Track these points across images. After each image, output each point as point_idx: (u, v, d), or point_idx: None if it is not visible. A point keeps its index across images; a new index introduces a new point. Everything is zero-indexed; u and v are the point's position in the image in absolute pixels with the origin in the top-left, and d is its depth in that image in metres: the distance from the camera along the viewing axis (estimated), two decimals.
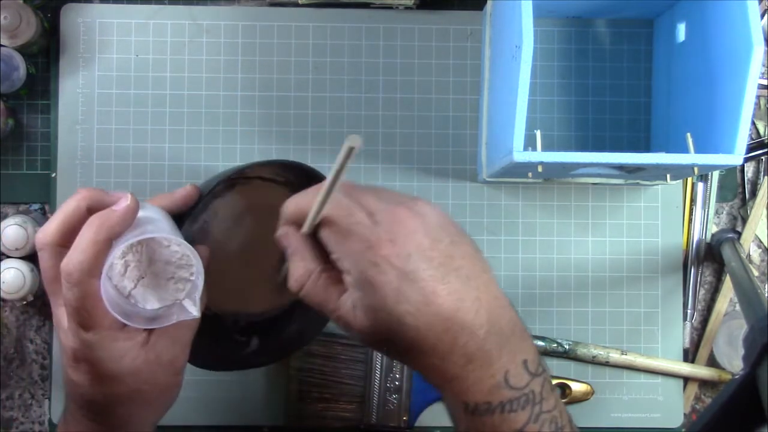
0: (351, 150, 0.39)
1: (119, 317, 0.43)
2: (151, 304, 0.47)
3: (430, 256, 0.42)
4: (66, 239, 0.45)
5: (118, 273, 0.46)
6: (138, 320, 0.45)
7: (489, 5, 0.66)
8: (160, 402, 0.50)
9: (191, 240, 0.48)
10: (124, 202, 0.44)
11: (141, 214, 0.46)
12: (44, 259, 0.46)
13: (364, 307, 0.43)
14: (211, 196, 0.52)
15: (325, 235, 0.44)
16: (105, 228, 0.43)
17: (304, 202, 0.46)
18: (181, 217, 0.52)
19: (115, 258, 0.43)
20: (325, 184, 0.42)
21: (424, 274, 0.42)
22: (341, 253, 0.44)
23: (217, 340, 0.56)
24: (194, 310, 0.46)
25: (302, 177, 0.57)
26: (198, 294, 0.46)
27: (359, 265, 0.42)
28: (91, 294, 0.43)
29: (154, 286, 0.47)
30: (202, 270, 0.46)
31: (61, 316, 0.46)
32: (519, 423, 0.43)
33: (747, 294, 0.58)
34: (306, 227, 0.45)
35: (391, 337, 0.43)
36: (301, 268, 0.46)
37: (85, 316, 0.44)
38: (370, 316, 0.43)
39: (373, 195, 0.45)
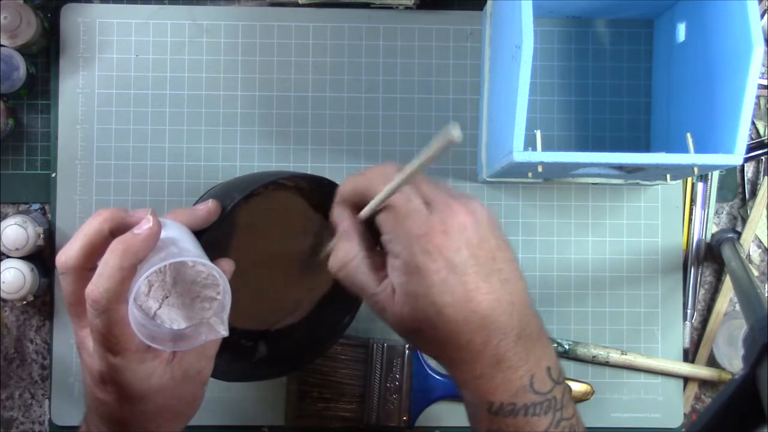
0: (449, 142, 0.38)
1: (145, 340, 0.43)
2: (178, 323, 0.46)
3: (477, 254, 0.43)
4: (89, 262, 0.44)
5: (142, 293, 0.46)
6: (164, 342, 0.45)
7: (489, 5, 0.66)
8: (187, 413, 0.50)
9: (212, 254, 0.47)
10: (146, 224, 0.43)
11: (163, 234, 0.45)
12: (67, 282, 0.45)
13: (406, 292, 0.43)
14: (230, 211, 0.51)
15: (382, 217, 0.45)
16: (130, 254, 0.42)
17: (361, 185, 0.46)
18: (201, 231, 0.51)
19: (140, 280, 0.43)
20: (404, 172, 0.42)
21: (471, 270, 0.43)
22: (395, 236, 0.44)
23: (222, 344, 0.56)
24: (222, 329, 0.46)
25: (317, 185, 0.57)
26: (226, 313, 0.46)
27: (411, 249, 0.43)
28: (119, 320, 0.42)
29: (179, 305, 0.47)
30: (229, 289, 0.45)
31: (85, 338, 0.46)
32: (541, 427, 0.44)
33: (747, 294, 0.58)
34: (367, 211, 0.46)
35: (427, 327, 0.43)
36: (344, 250, 0.46)
37: (113, 341, 0.43)
38: (411, 303, 0.43)
39: (431, 183, 0.46)
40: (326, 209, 0.50)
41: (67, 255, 0.44)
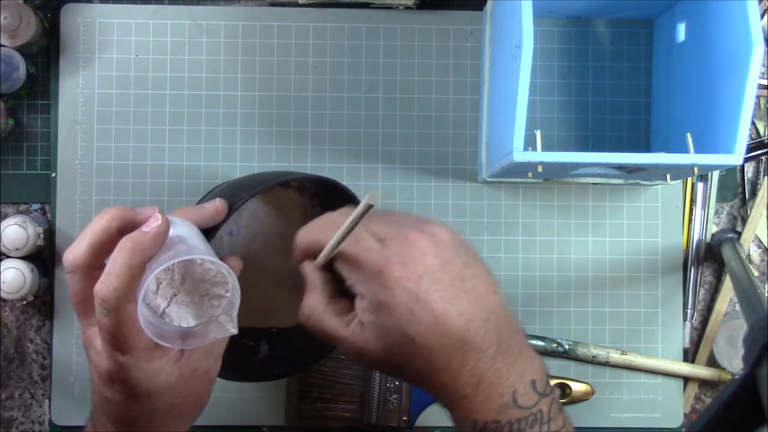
0: (369, 207, 0.40)
1: (154, 338, 0.43)
2: (187, 321, 0.46)
3: (440, 278, 0.43)
4: (96, 260, 0.44)
5: (151, 291, 0.46)
6: (172, 340, 0.45)
7: (489, 5, 0.66)
8: (194, 411, 0.50)
9: (220, 253, 0.47)
10: (155, 222, 0.43)
11: (172, 232, 0.45)
12: (75, 281, 0.45)
13: (376, 329, 0.44)
14: (237, 210, 0.51)
15: (338, 264, 0.46)
16: (138, 252, 0.42)
17: (313, 236, 0.47)
18: (207, 229, 0.51)
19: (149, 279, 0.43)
20: (339, 231, 0.43)
21: (435, 296, 0.43)
22: (354, 280, 0.45)
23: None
24: (232, 327, 0.46)
25: (322, 187, 0.56)
26: (235, 311, 0.46)
27: (372, 289, 0.43)
28: (127, 318, 0.42)
29: (188, 303, 0.47)
30: (238, 287, 0.45)
31: (93, 336, 0.45)
32: None
33: (747, 294, 0.58)
34: (319, 261, 0.47)
35: (404, 359, 0.44)
36: (308, 302, 0.47)
37: (122, 339, 0.43)
38: (384, 339, 0.44)
39: (383, 220, 0.46)
40: None
41: (74, 253, 0.44)
